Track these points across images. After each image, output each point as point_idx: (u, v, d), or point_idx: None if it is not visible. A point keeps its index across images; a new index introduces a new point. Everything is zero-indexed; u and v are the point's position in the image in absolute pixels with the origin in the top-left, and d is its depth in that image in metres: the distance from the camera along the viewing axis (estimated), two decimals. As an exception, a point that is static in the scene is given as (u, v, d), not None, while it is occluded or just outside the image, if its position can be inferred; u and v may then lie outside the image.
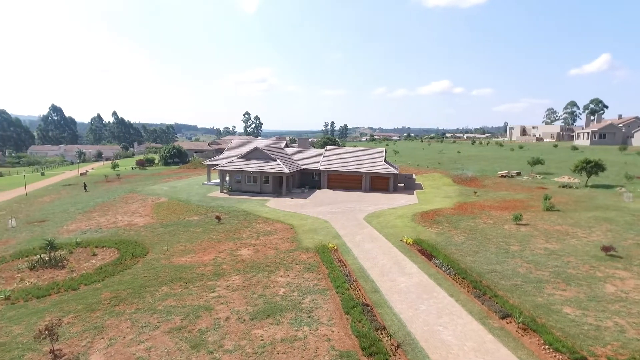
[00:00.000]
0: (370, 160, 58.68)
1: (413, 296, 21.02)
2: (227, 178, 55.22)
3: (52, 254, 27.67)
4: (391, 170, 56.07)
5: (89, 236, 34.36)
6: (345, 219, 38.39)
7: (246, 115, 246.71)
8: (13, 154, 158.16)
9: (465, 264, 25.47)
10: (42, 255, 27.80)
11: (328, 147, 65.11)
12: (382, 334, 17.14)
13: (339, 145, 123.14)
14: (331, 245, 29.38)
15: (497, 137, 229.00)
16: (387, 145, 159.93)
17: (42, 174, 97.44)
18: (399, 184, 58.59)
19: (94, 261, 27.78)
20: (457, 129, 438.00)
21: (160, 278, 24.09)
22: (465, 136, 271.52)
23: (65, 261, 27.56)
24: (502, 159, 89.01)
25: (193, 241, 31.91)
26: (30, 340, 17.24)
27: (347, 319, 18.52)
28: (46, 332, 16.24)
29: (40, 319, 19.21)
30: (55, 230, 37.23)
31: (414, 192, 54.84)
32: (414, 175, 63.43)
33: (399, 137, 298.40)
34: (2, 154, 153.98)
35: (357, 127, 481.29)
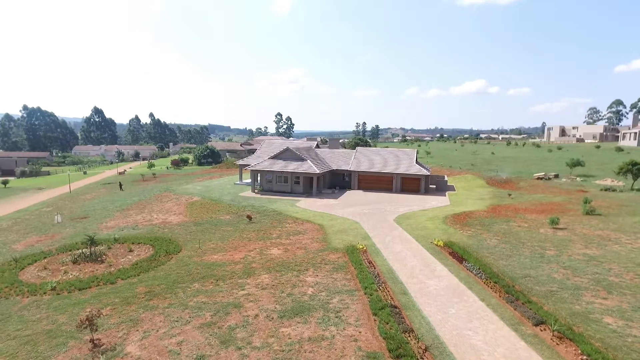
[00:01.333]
0: (402, 161, 58.09)
1: (442, 299, 20.70)
2: (259, 178, 56.04)
3: (92, 249, 29.00)
4: (422, 171, 55.31)
5: (125, 233, 35.72)
6: (375, 220, 38.19)
7: (278, 116, 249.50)
8: (59, 154, 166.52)
9: (497, 268, 24.83)
10: (83, 250, 29.17)
11: (359, 148, 64.93)
12: (409, 336, 16.98)
13: (370, 146, 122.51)
14: (360, 246, 29.33)
15: (534, 138, 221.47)
16: (419, 146, 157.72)
17: (85, 173, 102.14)
18: (430, 186, 57.71)
19: (130, 257, 28.89)
20: (492, 129, 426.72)
21: (192, 275, 24.77)
22: (500, 137, 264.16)
23: (104, 256, 28.82)
24: (539, 161, 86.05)
25: (224, 240, 32.60)
26: (72, 329, 18.16)
27: (375, 320, 18.45)
28: (87, 322, 17.09)
29: (81, 309, 20.17)
30: (96, 227, 38.92)
31: (446, 193, 53.87)
32: (446, 176, 62.30)
33: (431, 138, 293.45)
34: (50, 154, 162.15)
35: (388, 128, 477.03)
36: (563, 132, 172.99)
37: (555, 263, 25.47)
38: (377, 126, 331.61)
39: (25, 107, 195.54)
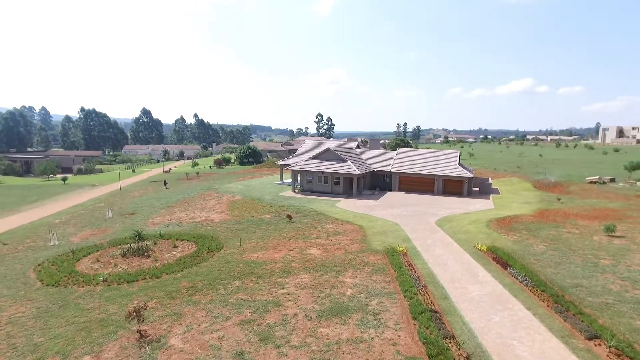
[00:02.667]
0: (444, 163, 56.73)
1: (485, 306, 20.00)
2: (299, 178, 56.50)
3: (140, 244, 30.30)
4: (465, 173, 53.76)
5: (170, 229, 37.04)
6: (416, 222, 37.51)
7: (318, 117, 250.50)
8: (111, 153, 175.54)
9: (545, 275, 23.68)
10: (131, 245, 30.55)
11: (400, 149, 64.06)
12: (450, 342, 16.52)
13: (411, 147, 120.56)
14: (400, 249, 28.90)
15: (587, 140, 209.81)
16: (461, 147, 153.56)
17: (133, 171, 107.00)
18: (473, 188, 56.00)
19: (174, 252, 29.93)
20: (540, 130, 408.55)
21: (233, 272, 25.32)
22: (549, 138, 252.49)
23: (150, 251, 30.02)
24: (593, 164, 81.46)
25: (265, 238, 33.10)
26: (122, 319, 19.07)
27: (415, 324, 18.11)
28: (134, 314, 17.90)
29: (129, 301, 21.13)
30: (143, 222, 40.64)
31: (490, 196, 52.06)
32: (490, 179, 60.22)
33: (475, 139, 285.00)
34: (103, 153, 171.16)
35: (430, 129, 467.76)
36: (621, 133, 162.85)
37: (611, 273, 23.95)
38: (418, 127, 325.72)
39: (82, 109, 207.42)
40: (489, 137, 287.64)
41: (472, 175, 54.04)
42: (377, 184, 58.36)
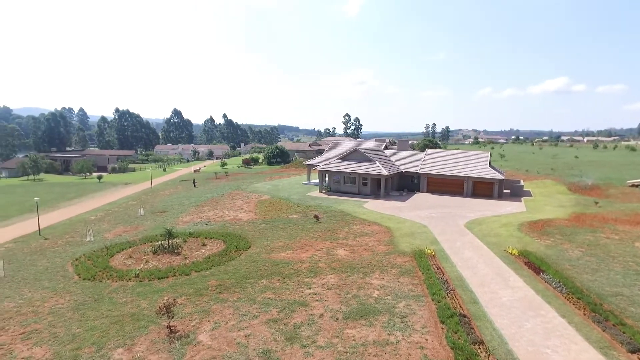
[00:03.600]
0: (473, 164, 55.52)
1: (517, 312, 19.42)
2: (327, 178, 56.55)
3: (170, 241, 31.06)
4: (496, 175, 52.43)
5: (199, 228, 37.77)
6: (445, 225, 36.86)
7: (346, 117, 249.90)
8: (143, 152, 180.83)
9: (581, 282, 22.78)
10: (162, 242, 31.34)
11: (428, 150, 63.15)
12: (479, 348, 16.13)
13: (440, 147, 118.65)
14: (429, 251, 28.47)
15: (628, 141, 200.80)
16: (492, 148, 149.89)
17: (164, 170, 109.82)
18: (504, 190, 54.53)
19: (203, 250, 30.51)
20: (575, 131, 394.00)
21: (261, 271, 25.57)
22: (585, 139, 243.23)
23: (180, 249, 30.72)
24: (635, 166, 77.88)
25: (292, 238, 33.28)
26: (152, 314, 19.60)
27: (443, 328, 17.78)
28: (164, 310, 18.35)
29: (160, 297, 21.68)
30: (173, 221, 41.62)
31: (522, 199, 50.58)
32: (521, 181, 58.49)
33: (506, 140, 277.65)
34: (135, 152, 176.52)
35: (459, 130, 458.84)
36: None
37: (652, 281, 22.82)
38: (447, 127, 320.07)
39: (117, 110, 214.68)
40: (520, 138, 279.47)
41: (503, 177, 52.65)
42: (405, 185, 57.70)
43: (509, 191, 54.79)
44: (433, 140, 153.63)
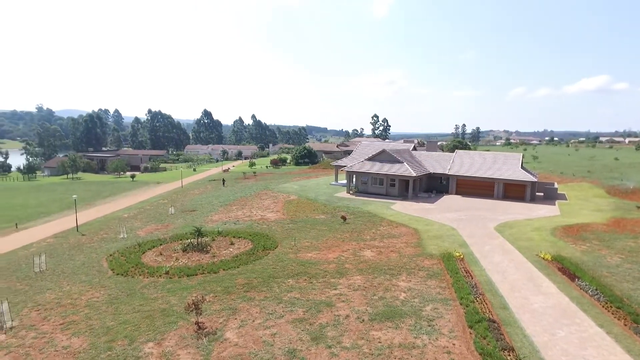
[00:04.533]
0: (505, 166, 54.09)
1: (549, 319, 18.78)
2: (354, 179, 56.40)
3: (199, 240, 31.71)
4: (528, 177, 50.89)
5: (228, 227, 38.40)
6: (474, 227, 36.08)
7: (374, 118, 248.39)
8: (174, 152, 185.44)
9: (621, 291, 21.79)
10: (192, 240, 32.04)
11: (458, 151, 61.99)
12: (509, 355, 15.70)
13: (470, 149, 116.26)
14: (457, 254, 27.93)
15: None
16: (524, 150, 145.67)
17: (194, 170, 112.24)
18: (537, 193, 52.87)
19: (231, 249, 31.00)
20: (616, 131, 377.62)
21: (287, 271, 25.75)
22: (626, 140, 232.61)
23: (209, 247, 31.33)
24: (677, 169, 73.90)
25: (319, 239, 33.36)
26: (181, 311, 20.07)
27: (471, 333, 17.40)
28: (193, 306, 18.77)
29: (189, 294, 22.16)
30: (202, 219, 42.48)
31: (556, 202, 48.89)
32: (555, 184, 56.55)
33: (539, 141, 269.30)
34: (167, 152, 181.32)
35: (490, 130, 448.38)
36: None
37: (697, 290, 21.59)
38: (477, 128, 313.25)
39: (149, 111, 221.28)
40: (555, 139, 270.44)
41: (535, 180, 51.06)
42: (433, 186, 56.83)
43: (542, 194, 53.11)
44: (463, 141, 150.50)
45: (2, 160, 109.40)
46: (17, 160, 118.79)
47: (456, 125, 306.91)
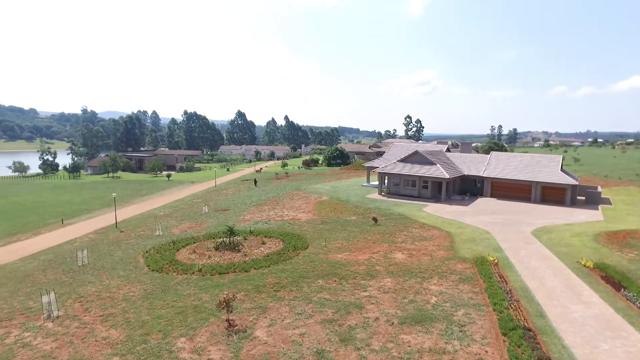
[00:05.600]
0: (543, 168, 52.11)
1: (591, 330, 17.90)
2: (386, 180, 55.92)
3: (231, 239, 32.29)
4: (569, 180, 48.80)
5: (259, 226, 38.89)
6: (509, 231, 34.96)
7: (407, 119, 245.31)
8: (208, 152, 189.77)
9: (668, 300, 20.53)
10: (224, 239, 32.66)
11: (493, 153, 60.27)
12: (547, 365, 15.08)
13: (506, 150, 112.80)
14: (491, 258, 27.14)
15: None
16: (565, 151, 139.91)
17: (227, 170, 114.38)
18: (578, 197, 50.64)
19: (262, 249, 31.38)
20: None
21: (317, 271, 25.80)
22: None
23: (240, 246, 31.84)
24: None
25: (349, 240, 33.25)
26: (213, 308, 20.49)
27: (504, 341, 16.85)
28: (224, 304, 19.13)
29: (220, 291, 22.61)
30: (235, 219, 43.22)
31: (599, 207, 46.64)
32: (599, 187, 53.95)
33: (582, 142, 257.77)
34: (201, 152, 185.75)
35: (528, 132, 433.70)
36: None
37: None
38: (514, 129, 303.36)
39: (185, 112, 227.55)
40: (599, 140, 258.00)
41: (576, 183, 48.91)
42: (467, 189, 55.50)
43: (583, 198, 50.83)
44: (499, 142, 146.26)
45: (51, 159, 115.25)
46: (64, 159, 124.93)
47: (492, 126, 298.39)
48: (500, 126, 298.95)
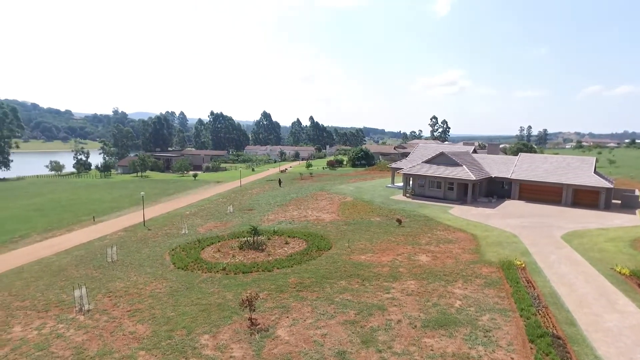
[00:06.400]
0: (575, 171, 50.38)
1: (627, 341, 17.15)
2: (411, 182, 55.32)
3: (255, 238, 32.61)
4: (603, 182, 46.99)
5: (283, 226, 39.13)
6: (538, 235, 33.96)
7: (433, 119, 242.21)
8: (234, 153, 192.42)
9: None
10: (248, 239, 33.03)
11: (522, 154, 58.70)
12: (576, 374, 14.57)
13: (535, 152, 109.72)
14: (518, 262, 26.43)
15: None
16: (599, 153, 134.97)
17: (253, 170, 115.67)
18: (613, 201, 48.70)
19: (286, 249, 31.55)
20: None
21: (340, 272, 25.75)
22: None
23: (264, 246, 32.12)
24: None
25: (373, 241, 33.05)
26: (236, 306, 20.75)
27: (532, 348, 16.37)
28: (247, 303, 19.35)
29: (243, 290, 22.87)
30: (259, 218, 43.64)
31: (636, 212, 44.72)
32: (637, 191, 51.74)
33: (617, 143, 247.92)
34: (227, 152, 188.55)
35: (559, 132, 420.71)
36: None
37: None
38: (544, 130, 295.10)
39: (211, 113, 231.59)
40: (637, 141, 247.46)
41: (611, 186, 47.06)
42: (494, 191, 54.26)
43: (619, 202, 48.87)
44: (528, 144, 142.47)
45: (84, 159, 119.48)
46: (96, 159, 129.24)
47: (521, 127, 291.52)
48: (529, 127, 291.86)
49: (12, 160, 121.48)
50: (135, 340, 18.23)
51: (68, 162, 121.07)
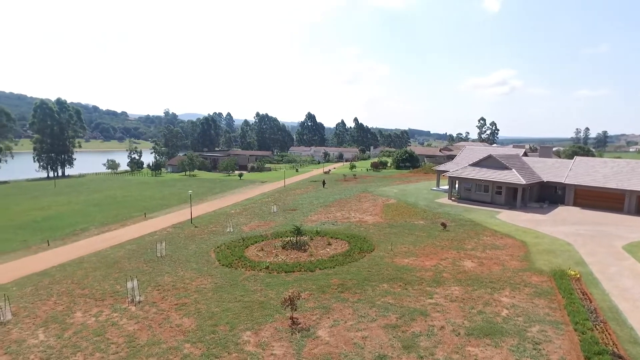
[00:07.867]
0: (639, 175, 46.92)
1: (694, 360, 15.77)
2: (457, 185, 53.80)
3: (298, 238, 32.91)
4: (671, 190, 43.41)
5: (326, 227, 39.22)
6: (596, 244, 31.93)
7: (481, 121, 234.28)
8: (278, 153, 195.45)
9: None
10: (291, 238, 33.38)
11: (578, 158, 55.47)
12: (637, 395, 13.54)
13: (593, 155, 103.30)
14: (573, 273, 24.96)
15: None
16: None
17: (297, 171, 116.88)
18: (682, 209, 44.88)
19: (328, 249, 31.61)
20: None
21: (382, 275, 25.46)
22: None
23: (307, 246, 32.34)
24: None
25: (416, 244, 32.43)
26: (278, 305, 21.03)
27: (587, 364, 15.39)
28: (289, 302, 19.56)
29: (285, 289, 23.16)
30: (302, 219, 44.00)
31: None
32: None
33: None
34: (272, 153, 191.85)
35: (621, 134, 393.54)
36: None
37: None
38: (604, 132, 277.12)
39: (257, 114, 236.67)
40: None
41: (681, 193, 43.38)
42: (546, 196, 51.62)
43: (688, 210, 44.98)
44: (584, 147, 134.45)
45: (137, 158, 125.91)
46: (148, 158, 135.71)
47: (577, 129, 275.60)
48: (587, 129, 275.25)
49: (75, 159, 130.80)
50: (181, 333, 18.93)
51: (123, 161, 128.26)
